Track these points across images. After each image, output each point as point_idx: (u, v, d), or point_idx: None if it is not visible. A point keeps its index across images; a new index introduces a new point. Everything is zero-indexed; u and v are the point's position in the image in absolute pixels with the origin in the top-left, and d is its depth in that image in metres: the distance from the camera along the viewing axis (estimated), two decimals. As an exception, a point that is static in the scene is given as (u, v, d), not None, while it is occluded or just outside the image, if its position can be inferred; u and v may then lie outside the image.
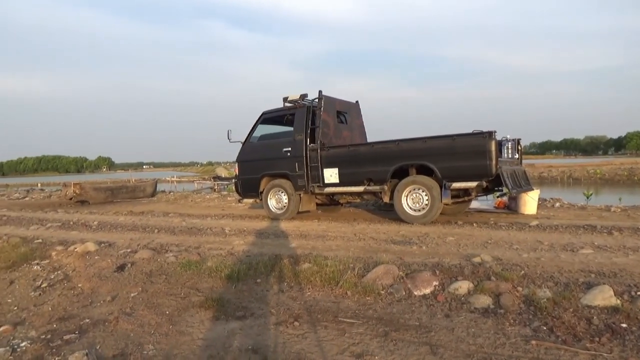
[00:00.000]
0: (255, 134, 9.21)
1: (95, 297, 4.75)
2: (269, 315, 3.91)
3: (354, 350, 3.13)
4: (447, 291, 4.01)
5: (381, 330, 3.41)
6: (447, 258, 4.86)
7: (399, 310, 3.81)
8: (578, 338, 3.03)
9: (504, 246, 5.34)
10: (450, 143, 7.01)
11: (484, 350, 2.98)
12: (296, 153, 8.39)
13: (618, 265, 4.30)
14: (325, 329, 3.52)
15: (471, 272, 4.30)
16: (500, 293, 3.80)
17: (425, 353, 3.01)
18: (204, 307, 4.17)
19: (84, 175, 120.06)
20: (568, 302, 3.52)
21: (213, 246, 6.35)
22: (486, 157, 6.64)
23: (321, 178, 8.21)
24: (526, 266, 4.35)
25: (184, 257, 5.77)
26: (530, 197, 7.94)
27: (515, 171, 7.48)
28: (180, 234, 7.65)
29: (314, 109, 8.43)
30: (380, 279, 4.36)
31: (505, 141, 7.51)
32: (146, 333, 3.70)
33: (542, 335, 3.13)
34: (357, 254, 5.28)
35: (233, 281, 4.80)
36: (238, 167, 9.44)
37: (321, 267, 4.76)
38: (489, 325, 3.38)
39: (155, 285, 4.94)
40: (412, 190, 7.34)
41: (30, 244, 7.47)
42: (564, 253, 4.88)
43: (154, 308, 4.26)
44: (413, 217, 7.31)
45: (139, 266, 5.67)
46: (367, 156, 7.89)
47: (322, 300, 4.16)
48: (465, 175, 6.89)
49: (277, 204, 8.86)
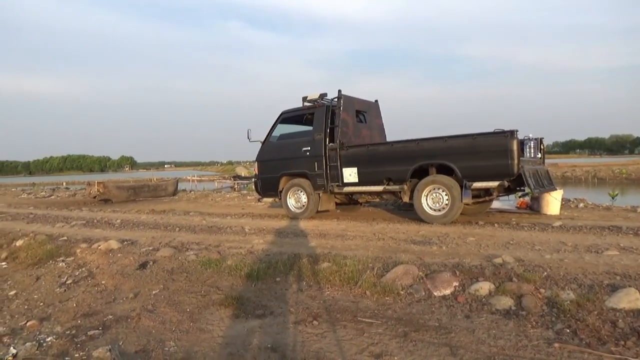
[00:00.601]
0: (275, 133, 9.25)
1: (118, 294, 4.85)
2: (288, 314, 3.92)
3: (373, 350, 3.12)
4: (468, 292, 3.97)
5: (400, 331, 3.39)
6: (468, 259, 4.80)
7: (419, 310, 3.78)
8: (603, 341, 2.97)
9: (526, 247, 5.26)
10: (471, 142, 6.93)
11: (505, 353, 2.94)
12: (315, 152, 8.40)
13: (645, 267, 4.18)
14: (344, 329, 3.52)
15: (492, 273, 4.24)
16: (522, 294, 3.74)
17: (445, 354, 2.98)
18: (224, 305, 4.21)
19: (107, 174, 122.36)
20: (592, 304, 3.44)
21: (233, 245, 6.40)
22: (508, 157, 6.55)
23: (340, 177, 8.20)
24: (549, 267, 4.28)
25: (204, 256, 5.83)
26: (553, 197, 7.80)
27: (537, 171, 7.36)
28: (201, 233, 7.73)
29: (333, 109, 8.43)
30: (399, 279, 4.33)
31: (528, 140, 7.39)
32: (167, 330, 3.76)
33: (565, 338, 3.08)
34: (376, 254, 5.26)
35: (252, 280, 4.84)
36: (257, 167, 9.49)
37: (340, 267, 4.75)
38: (511, 327, 3.33)
39: (176, 283, 5.01)
40: (432, 190, 7.28)
41: (55, 242, 7.65)
42: (588, 254, 4.78)
43: (175, 305, 4.32)
44: (433, 217, 7.25)
45: (160, 264, 5.75)
46: (386, 155, 7.85)
47: (341, 300, 4.16)
48: (487, 175, 6.80)
49: (296, 203, 8.88)
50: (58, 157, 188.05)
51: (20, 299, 5.04)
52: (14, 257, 7.05)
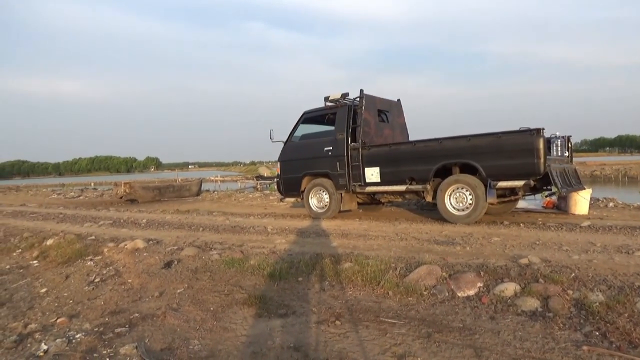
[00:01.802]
0: (297, 133, 9.29)
1: (144, 293, 4.93)
2: (311, 313, 3.93)
3: (395, 350, 3.10)
4: (492, 293, 3.90)
5: (424, 332, 3.36)
6: (492, 259, 4.73)
7: (442, 311, 3.74)
8: (634, 344, 2.88)
9: (553, 247, 5.14)
10: (495, 141, 6.82)
11: (531, 355, 2.88)
12: (337, 152, 8.40)
13: (678, 268, 4.05)
14: (367, 329, 3.51)
15: (518, 273, 4.16)
16: (549, 296, 3.67)
17: (470, 356, 2.94)
18: (247, 304, 4.24)
19: (133, 175, 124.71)
20: (623, 306, 3.35)
21: (256, 244, 6.44)
22: (534, 155, 6.42)
23: (362, 177, 8.18)
24: (577, 268, 4.17)
25: (227, 255, 5.88)
26: (581, 196, 7.61)
27: (565, 169, 7.20)
28: (224, 232, 7.81)
29: (355, 108, 8.41)
30: (422, 280, 4.30)
31: (555, 138, 7.23)
32: (192, 328, 3.81)
33: (594, 340, 3.00)
34: (399, 254, 5.22)
35: (275, 279, 4.86)
36: (280, 167, 9.54)
37: (362, 267, 4.74)
38: (537, 329, 3.26)
39: (200, 282, 5.07)
40: (455, 190, 7.19)
41: (84, 241, 7.83)
42: (618, 255, 4.64)
43: (199, 304, 4.38)
44: (456, 217, 7.16)
45: (184, 263, 5.83)
46: (409, 155, 7.79)
47: (364, 300, 4.15)
48: (512, 174, 6.68)
49: (319, 203, 8.89)
50: (86, 159, 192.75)
51: (51, 297, 5.18)
52: (44, 255, 7.25)
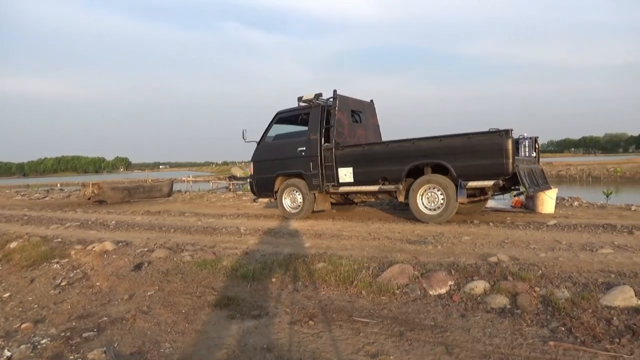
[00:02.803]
0: (270, 133, 9.25)
1: (113, 296, 4.83)
2: (284, 314, 3.92)
3: (369, 349, 3.12)
4: (463, 291, 3.97)
5: (396, 330, 3.40)
6: (463, 257, 4.82)
7: (414, 310, 3.78)
8: (597, 339, 2.98)
9: (521, 246, 5.27)
10: (466, 141, 6.94)
11: (500, 351, 2.95)
12: (311, 152, 8.40)
13: (639, 265, 4.21)
14: (340, 328, 3.52)
15: (487, 271, 4.25)
16: (517, 293, 3.76)
17: (441, 353, 2.98)
18: (219, 306, 4.20)
19: (102, 175, 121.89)
20: (587, 302, 3.46)
21: (228, 245, 6.38)
22: (503, 156, 6.56)
23: (336, 177, 8.21)
24: (544, 266, 4.29)
25: (199, 257, 5.81)
26: (547, 196, 7.83)
27: (532, 170, 7.38)
28: (196, 233, 7.71)
29: (329, 109, 8.43)
30: (395, 279, 4.34)
31: (523, 139, 7.42)
32: (163, 331, 3.75)
33: (560, 336, 3.09)
34: (372, 254, 5.26)
35: (248, 280, 4.83)
36: (253, 167, 9.48)
37: (336, 267, 4.75)
38: (506, 325, 3.34)
39: (172, 284, 4.99)
40: (427, 190, 7.29)
41: (50, 243, 7.61)
42: (582, 253, 4.80)
43: (170, 307, 4.31)
44: (428, 217, 7.26)
45: (155, 265, 5.73)
46: (382, 155, 7.86)
47: (337, 300, 4.16)
48: (482, 174, 6.81)
49: (292, 204, 8.88)
50: (52, 159, 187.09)
51: (15, 302, 5.01)
52: (8, 259, 7.00)
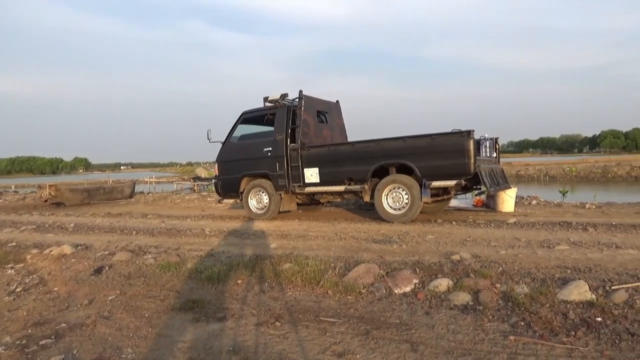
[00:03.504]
0: (235, 134, 9.16)
1: (71, 301, 4.66)
2: (250, 316, 3.89)
3: (335, 349, 3.13)
4: (427, 289, 4.04)
5: (362, 329, 3.42)
6: (427, 256, 4.90)
7: (380, 308, 3.82)
8: (555, 332, 3.09)
9: (482, 244, 5.42)
10: (429, 142, 7.07)
11: (463, 347, 3.01)
12: (277, 153, 8.37)
13: (593, 260, 4.40)
14: (307, 329, 3.52)
15: (450, 269, 4.35)
16: (479, 290, 3.85)
17: (406, 350, 3.03)
18: (184, 309, 4.12)
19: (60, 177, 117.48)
20: (545, 297, 3.58)
21: (193, 247, 6.28)
22: (465, 156, 6.72)
23: (302, 178, 8.20)
24: (504, 263, 4.42)
25: (163, 259, 5.70)
26: (507, 195, 8.07)
27: (493, 169, 7.59)
28: (160, 236, 7.56)
29: (295, 109, 8.42)
30: (361, 278, 4.37)
31: (484, 140, 7.62)
32: (124, 336, 3.64)
33: (520, 330, 3.19)
34: (338, 253, 5.29)
35: (213, 282, 4.76)
36: (218, 168, 9.38)
37: (302, 267, 4.75)
38: (468, 321, 3.42)
39: (134, 288, 4.87)
40: (392, 189, 7.38)
41: (3, 248, 7.29)
42: (540, 249, 4.97)
43: (132, 311, 4.20)
44: (393, 216, 7.35)
45: (116, 269, 5.58)
46: (347, 155, 7.91)
47: (304, 300, 4.16)
48: (445, 174, 6.95)
49: (258, 204, 8.82)
50: (5, 159, 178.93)
51: (-35, 309, 4.76)
52: (-43, 265, 6.66)
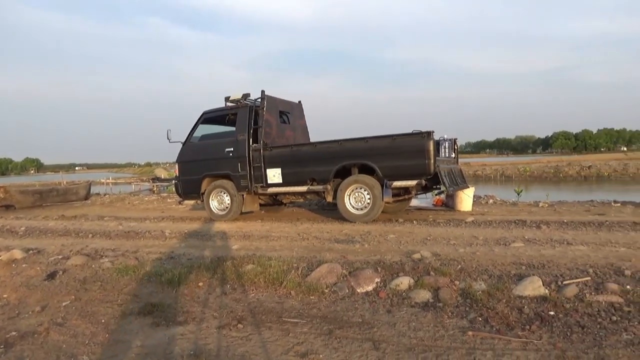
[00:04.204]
0: (196, 134, 9.02)
1: (22, 308, 4.45)
2: (212, 318, 3.83)
3: (298, 349, 3.13)
4: (389, 287, 4.10)
5: (325, 329, 3.43)
6: (389, 255, 4.97)
7: (343, 308, 3.85)
8: (511, 327, 3.20)
9: (442, 242, 5.54)
10: (390, 143, 7.18)
11: (424, 343, 3.07)
12: (238, 153, 8.29)
13: (546, 257, 4.58)
14: (270, 330, 3.50)
15: (411, 268, 4.42)
16: (439, 287, 3.94)
17: (369, 349, 3.06)
18: (142, 313, 4.01)
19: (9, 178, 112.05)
20: (501, 293, 3.70)
21: (152, 250, 6.13)
22: (425, 157, 6.86)
23: (264, 178, 8.16)
24: (463, 261, 4.54)
25: (120, 262, 5.53)
26: (466, 194, 8.29)
27: (452, 170, 7.78)
28: (117, 238, 7.33)
29: (257, 109, 8.36)
30: (324, 278, 4.39)
31: (443, 141, 7.80)
32: (80, 343, 3.51)
33: (478, 326, 3.28)
34: (301, 254, 5.29)
35: (174, 285, 4.66)
36: (178, 168, 9.21)
37: (265, 268, 4.72)
38: (429, 318, 3.49)
39: (90, 293, 4.70)
40: (354, 190, 7.45)
41: (-53, 253, 6.87)
42: (497, 247, 5.13)
43: (88, 317, 4.05)
44: (356, 216, 7.41)
45: (71, 273, 5.37)
46: (310, 156, 7.92)
47: (266, 301, 4.13)
48: (406, 174, 7.07)
49: (220, 205, 8.71)
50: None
51: None
52: None
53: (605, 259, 4.41)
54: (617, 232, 5.70)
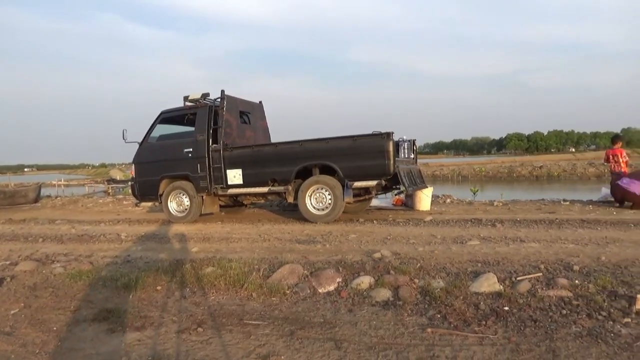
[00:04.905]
0: (154, 134, 8.81)
1: (-34, 318, 4.21)
2: (171, 323, 3.74)
3: (259, 352, 3.10)
4: (350, 287, 4.13)
5: (287, 330, 3.42)
6: (350, 255, 5.01)
7: (304, 308, 3.85)
8: (467, 323, 3.29)
9: (401, 241, 5.63)
10: (351, 143, 7.24)
11: (384, 342, 3.11)
12: (198, 154, 8.15)
13: (500, 254, 4.74)
14: (231, 333, 3.45)
15: (372, 267, 4.47)
16: (399, 286, 4.00)
17: (330, 348, 3.07)
18: (97, 319, 3.87)
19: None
20: (459, 290, 3.80)
21: (108, 254, 5.94)
22: (385, 157, 6.95)
23: (224, 179, 8.05)
24: (422, 259, 4.63)
25: (73, 268, 5.32)
26: (424, 194, 8.47)
27: (411, 170, 7.93)
28: (70, 242, 7.05)
29: (216, 109, 8.25)
30: (285, 279, 4.37)
31: (402, 141, 7.94)
32: (29, 353, 3.35)
33: (437, 322, 3.35)
34: (262, 255, 5.25)
35: (130, 290, 4.52)
36: (135, 169, 8.96)
37: (225, 270, 4.66)
38: (389, 317, 3.53)
39: (40, 300, 4.49)
40: (315, 190, 7.46)
41: None
42: (454, 245, 5.27)
43: (39, 325, 3.88)
44: (317, 217, 7.43)
45: (20, 280, 5.13)
46: (271, 157, 7.88)
47: (227, 304, 4.08)
48: (366, 175, 7.15)
49: (178, 207, 8.53)
50: None
51: None
52: None
53: (556, 255, 4.61)
54: (566, 229, 5.97)
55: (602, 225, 6.13)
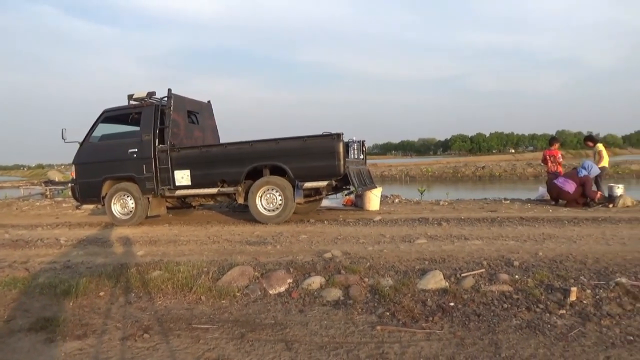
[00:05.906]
0: (96, 133, 8.43)
1: None
2: (115, 330, 3.59)
3: (209, 356, 3.04)
4: (301, 287, 4.13)
5: (237, 333, 3.37)
6: (301, 255, 5.01)
7: (255, 310, 3.81)
8: (415, 319, 3.37)
9: (351, 241, 5.70)
10: (301, 144, 7.25)
11: (335, 341, 3.13)
12: (143, 154, 7.89)
13: (446, 252, 4.89)
14: (179, 338, 3.36)
15: (323, 267, 4.50)
16: (349, 285, 4.05)
17: (281, 350, 3.05)
18: (34, 329, 3.66)
19: None
20: (407, 288, 3.89)
21: (46, 259, 5.63)
22: (335, 158, 7.01)
23: (172, 180, 7.84)
24: (371, 258, 4.71)
25: (7, 275, 5.00)
26: (374, 194, 8.61)
27: (360, 170, 8.04)
28: (3, 248, 6.63)
29: (163, 108, 8.02)
30: (235, 281, 4.31)
31: (352, 142, 8.03)
32: (-43, 368, 3.13)
33: (386, 320, 3.41)
34: (212, 257, 5.16)
35: (71, 297, 4.30)
36: (75, 170, 8.54)
37: (173, 274, 4.53)
38: (340, 316, 3.56)
39: (-30, 310, 4.19)
40: (266, 191, 7.42)
41: None
42: (403, 244, 5.39)
43: (-32, 337, 3.61)
44: (267, 217, 7.39)
45: (-54, 289, 4.76)
46: (220, 157, 7.75)
47: (175, 308, 3.97)
48: (316, 175, 7.18)
49: (123, 209, 8.22)
50: None
51: None
52: None
53: (497, 251, 4.82)
54: (507, 227, 6.25)
55: (539, 223, 6.47)
